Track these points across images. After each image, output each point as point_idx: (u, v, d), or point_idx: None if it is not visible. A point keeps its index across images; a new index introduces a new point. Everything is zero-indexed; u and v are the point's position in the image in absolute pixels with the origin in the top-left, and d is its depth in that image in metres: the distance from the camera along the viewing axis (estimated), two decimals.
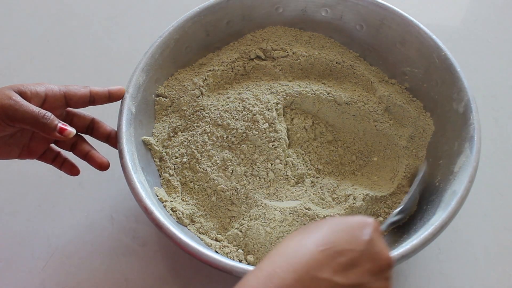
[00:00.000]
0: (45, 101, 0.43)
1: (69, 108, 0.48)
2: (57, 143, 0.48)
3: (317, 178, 0.53)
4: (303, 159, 0.54)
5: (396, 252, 0.40)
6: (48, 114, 0.41)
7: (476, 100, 0.49)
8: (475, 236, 0.54)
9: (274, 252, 0.32)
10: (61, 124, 0.42)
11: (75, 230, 0.54)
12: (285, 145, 0.53)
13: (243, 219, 0.49)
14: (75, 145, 0.48)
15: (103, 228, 0.54)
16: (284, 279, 0.29)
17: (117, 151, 0.47)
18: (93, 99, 0.46)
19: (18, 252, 0.53)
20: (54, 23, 0.73)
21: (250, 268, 0.39)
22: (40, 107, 0.42)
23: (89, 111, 0.49)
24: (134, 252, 0.53)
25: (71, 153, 0.48)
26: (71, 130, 0.43)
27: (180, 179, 0.51)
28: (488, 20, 0.74)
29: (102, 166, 0.47)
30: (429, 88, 0.54)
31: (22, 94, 0.41)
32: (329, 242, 0.31)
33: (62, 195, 0.57)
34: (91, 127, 0.48)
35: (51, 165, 0.48)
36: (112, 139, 0.48)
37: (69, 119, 0.48)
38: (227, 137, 0.52)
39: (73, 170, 0.48)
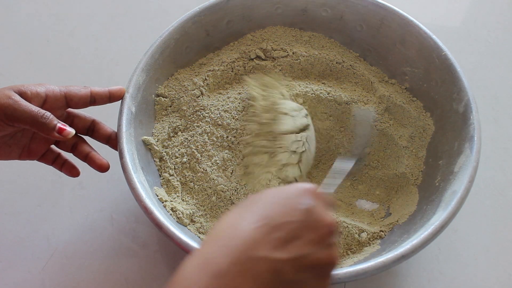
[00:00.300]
0: (45, 101, 0.43)
1: (69, 109, 0.47)
2: (57, 144, 0.48)
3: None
4: None
5: (396, 252, 0.40)
6: (47, 114, 0.41)
7: (476, 100, 0.49)
8: (475, 236, 0.54)
9: (209, 235, 0.31)
10: (60, 124, 0.42)
11: (75, 230, 0.54)
12: None
13: None
14: (75, 146, 0.48)
15: (103, 228, 0.55)
16: (220, 263, 0.27)
17: (117, 151, 0.47)
18: (94, 100, 0.46)
19: (18, 252, 0.53)
20: (54, 23, 0.73)
21: None
22: (40, 108, 0.42)
23: (88, 111, 0.49)
24: (134, 252, 0.53)
25: (71, 154, 0.48)
26: (70, 131, 0.42)
27: (180, 179, 0.51)
28: (488, 20, 0.74)
29: (102, 168, 0.47)
30: (429, 88, 0.54)
31: (22, 94, 0.41)
32: (264, 217, 0.30)
33: (62, 195, 0.57)
34: (92, 128, 0.48)
35: (51, 166, 0.48)
36: (113, 140, 0.48)
37: (70, 120, 0.48)
38: (227, 137, 0.52)
39: (73, 171, 0.48)
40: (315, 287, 0.30)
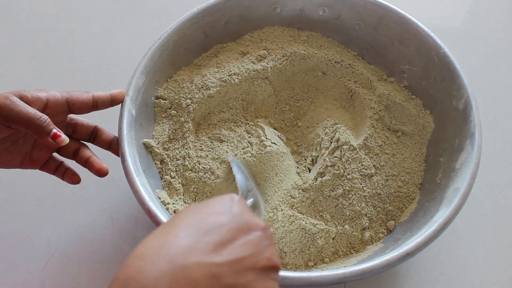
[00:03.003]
0: (46, 106, 0.43)
1: (72, 116, 0.47)
2: (59, 151, 0.48)
3: None
4: None
5: (401, 250, 0.40)
6: (45, 117, 0.41)
7: (476, 97, 0.49)
8: (475, 236, 0.54)
9: (129, 257, 0.27)
10: (55, 130, 0.42)
11: (75, 230, 0.54)
12: None
13: None
14: (77, 152, 0.48)
15: (103, 228, 0.54)
16: (147, 277, 0.25)
17: (118, 157, 0.46)
18: (96, 104, 0.46)
19: (18, 252, 0.53)
20: (54, 23, 0.73)
21: None
22: (41, 112, 0.42)
23: (88, 113, 0.48)
24: None
25: (72, 161, 0.48)
26: (65, 138, 0.42)
27: (181, 181, 0.51)
28: (488, 20, 0.74)
29: (101, 172, 0.46)
30: (428, 85, 0.54)
31: (23, 97, 0.41)
32: (191, 225, 0.28)
33: (62, 195, 0.57)
34: (94, 134, 0.48)
35: (53, 175, 0.48)
36: (114, 146, 0.48)
37: (72, 126, 0.48)
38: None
39: (74, 179, 0.48)
40: None
